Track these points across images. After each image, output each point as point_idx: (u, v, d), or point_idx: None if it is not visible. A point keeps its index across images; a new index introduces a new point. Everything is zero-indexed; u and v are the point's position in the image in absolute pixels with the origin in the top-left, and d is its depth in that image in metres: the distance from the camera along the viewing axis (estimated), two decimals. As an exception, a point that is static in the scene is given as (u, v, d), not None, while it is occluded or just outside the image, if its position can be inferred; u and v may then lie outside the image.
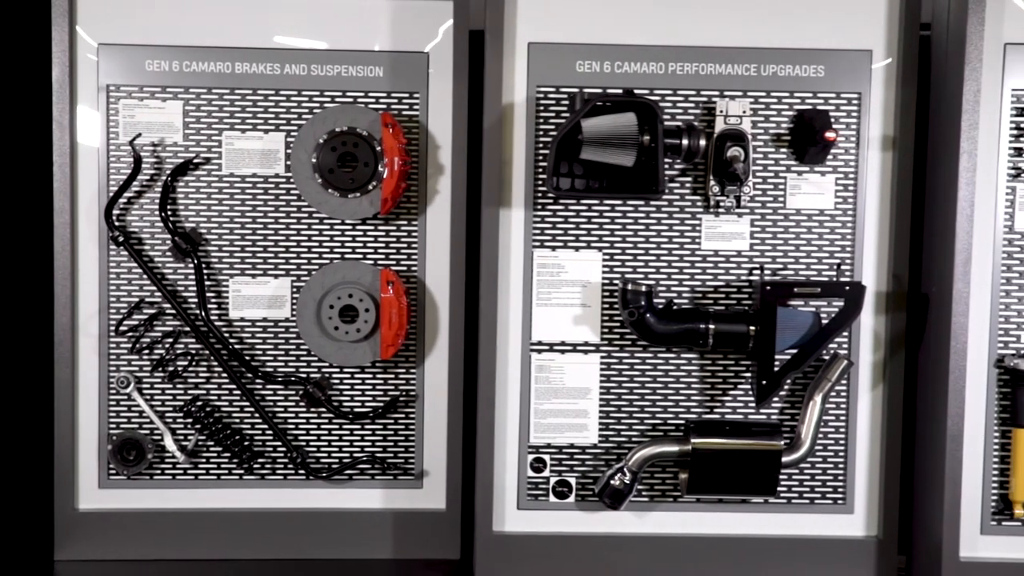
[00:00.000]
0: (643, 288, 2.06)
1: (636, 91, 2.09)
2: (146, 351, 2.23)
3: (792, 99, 2.14)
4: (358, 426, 2.27)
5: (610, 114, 1.98)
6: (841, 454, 2.18)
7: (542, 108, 2.13)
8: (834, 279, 2.12)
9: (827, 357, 2.13)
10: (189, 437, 2.25)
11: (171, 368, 2.23)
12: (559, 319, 2.17)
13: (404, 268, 2.25)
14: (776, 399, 2.17)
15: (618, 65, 2.13)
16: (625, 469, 2.11)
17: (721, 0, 2.13)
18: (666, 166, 2.09)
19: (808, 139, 2.07)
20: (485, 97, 2.11)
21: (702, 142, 2.02)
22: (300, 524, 2.27)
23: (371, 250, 2.24)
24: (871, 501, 2.19)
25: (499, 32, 2.10)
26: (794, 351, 2.08)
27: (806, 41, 2.13)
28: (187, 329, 2.22)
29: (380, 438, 2.28)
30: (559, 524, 2.19)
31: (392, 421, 2.28)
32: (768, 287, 2.04)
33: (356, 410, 2.27)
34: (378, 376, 2.27)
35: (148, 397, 2.24)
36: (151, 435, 2.25)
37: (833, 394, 2.15)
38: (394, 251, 2.25)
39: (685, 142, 2.02)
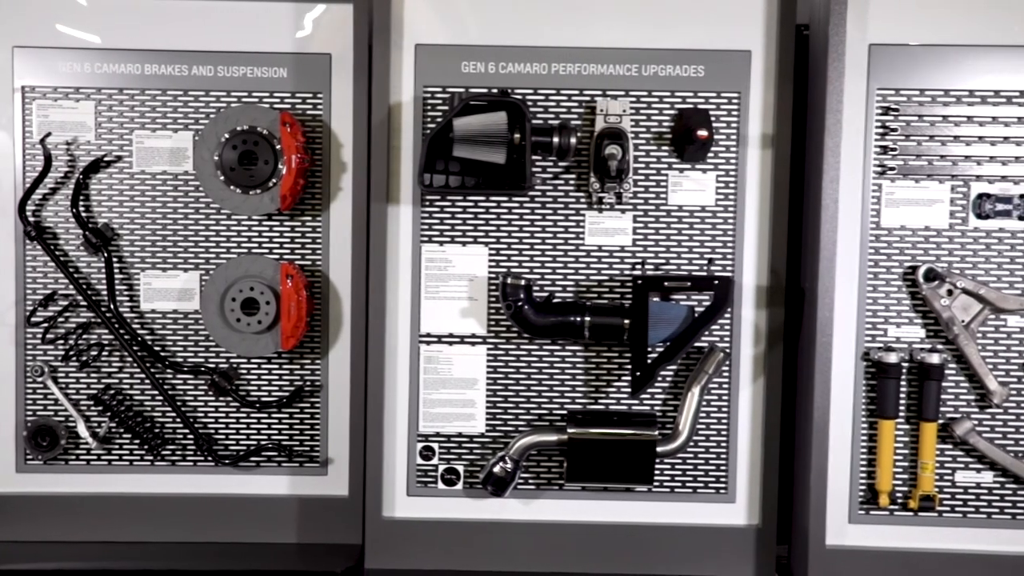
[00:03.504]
0: (522, 282, 2.13)
1: (519, 91, 2.16)
2: (60, 341, 2.32)
3: (673, 98, 2.19)
4: (265, 415, 2.34)
5: (483, 113, 2.04)
6: (723, 444, 2.23)
7: (429, 107, 2.20)
8: (706, 273, 2.17)
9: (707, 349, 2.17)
10: (102, 424, 2.34)
11: (84, 358, 2.31)
12: (447, 312, 2.24)
13: (309, 263, 2.33)
14: (660, 391, 2.21)
15: (502, 66, 2.19)
16: (507, 458, 2.17)
17: (603, 2, 2.18)
18: (547, 163, 2.17)
19: (687, 138, 2.12)
20: (373, 97, 2.18)
21: (572, 140, 2.09)
22: (208, 508, 2.36)
23: (277, 245, 2.32)
24: (752, 491, 2.24)
25: (386, 34, 2.17)
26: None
27: (686, 42, 2.18)
28: (99, 320, 2.30)
29: (287, 426, 2.36)
30: (447, 510, 2.26)
31: (298, 410, 2.35)
32: (639, 281, 2.09)
33: (263, 399, 2.34)
34: (285, 367, 2.34)
35: (63, 386, 2.33)
36: (65, 422, 2.33)
37: (713, 385, 2.20)
38: (299, 246, 2.33)
39: (556, 140, 2.08)
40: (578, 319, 2.12)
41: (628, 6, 2.18)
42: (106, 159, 2.32)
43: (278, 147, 2.25)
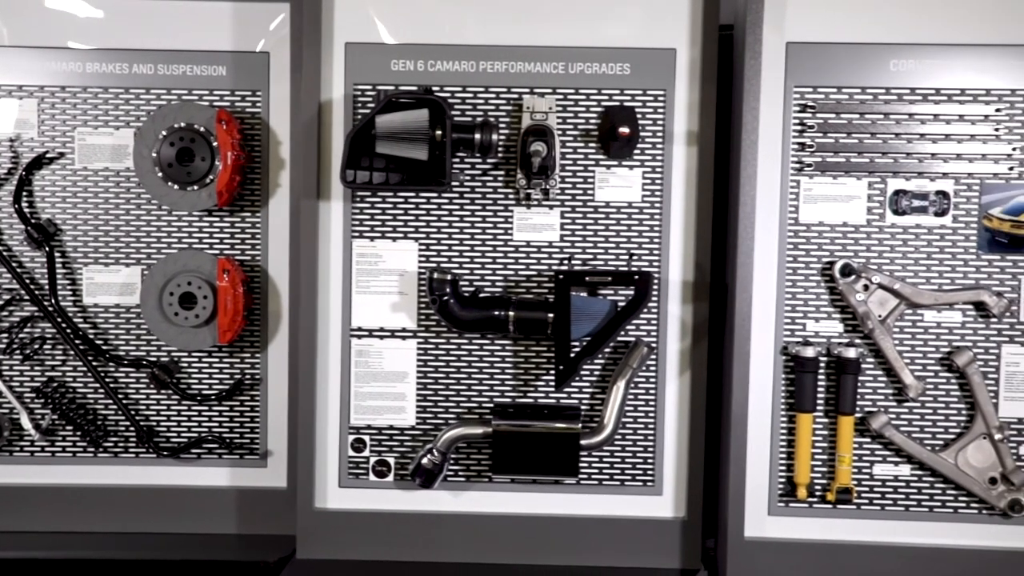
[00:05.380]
0: (448, 277, 2.16)
1: (448, 88, 2.20)
2: (3, 334, 2.36)
3: (600, 96, 2.22)
4: (206, 407, 2.38)
5: (405, 111, 2.07)
6: (651, 438, 2.26)
7: (360, 105, 2.24)
8: (628, 268, 2.20)
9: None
10: (45, 416, 2.38)
11: (27, 351, 2.36)
12: (378, 306, 2.27)
13: (249, 258, 2.37)
14: (588, 385, 2.24)
15: (431, 64, 2.23)
16: (435, 450, 2.21)
17: (531, 2, 2.21)
18: (476, 160, 2.22)
19: (612, 135, 2.15)
20: (302, 95, 2.22)
21: (494, 136, 2.12)
22: (149, 500, 2.40)
23: (218, 240, 2.36)
24: (679, 484, 2.26)
25: (317, 32, 2.21)
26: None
27: (612, 40, 2.21)
28: (41, 314, 2.35)
29: (227, 419, 2.40)
30: (378, 502, 2.30)
31: (239, 403, 2.39)
32: (560, 275, 2.12)
33: (203, 392, 2.38)
34: (225, 360, 2.39)
35: (6, 378, 2.38)
36: (9, 414, 2.38)
37: (640, 379, 2.23)
38: (239, 241, 2.37)
39: (478, 136, 2.11)
40: (502, 313, 2.15)
41: (555, 5, 2.20)
42: (48, 156, 2.35)
43: (215, 144, 2.28)
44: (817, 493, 2.19)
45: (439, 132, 2.07)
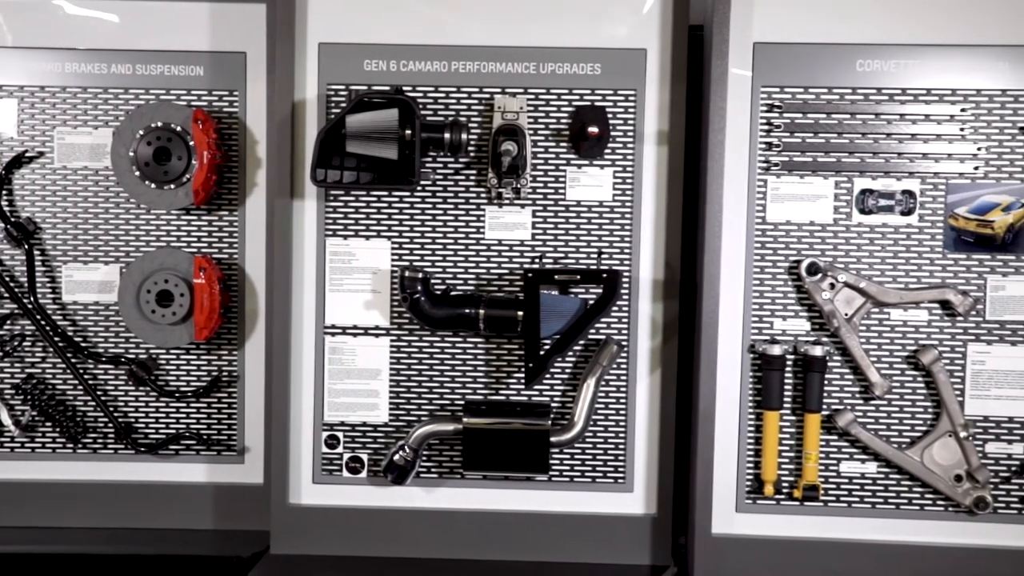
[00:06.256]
0: (419, 275, 2.18)
1: (420, 88, 2.22)
2: (-17, 333, 2.39)
3: (571, 96, 2.24)
4: (184, 404, 2.41)
5: (376, 110, 2.09)
6: (622, 435, 2.28)
7: (333, 105, 2.26)
8: (597, 266, 2.22)
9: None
10: (24, 412, 2.41)
11: (6, 348, 2.38)
12: (351, 304, 2.29)
13: (226, 256, 2.39)
14: (560, 383, 2.26)
15: (403, 64, 2.25)
16: (406, 447, 2.23)
17: (501, 3, 2.23)
18: (448, 159, 2.24)
19: (582, 134, 2.17)
20: (276, 95, 2.24)
21: (464, 136, 2.14)
22: (127, 495, 2.43)
23: (195, 239, 2.39)
24: (649, 481, 2.28)
25: (290, 32, 2.23)
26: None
27: (583, 41, 2.22)
28: (21, 311, 2.38)
29: (205, 415, 2.42)
30: (352, 498, 2.31)
31: (216, 400, 2.41)
32: (530, 274, 2.14)
33: (181, 389, 2.40)
34: (203, 357, 2.41)
35: (-14, 375, 2.41)
36: (-11, 410, 2.41)
37: (611, 377, 2.24)
38: (217, 239, 2.40)
39: (447, 136, 2.13)
40: (473, 311, 2.17)
41: (526, 6, 2.22)
42: (28, 155, 2.38)
43: (191, 143, 2.30)
44: (784, 490, 2.20)
45: (408, 131, 2.09)
